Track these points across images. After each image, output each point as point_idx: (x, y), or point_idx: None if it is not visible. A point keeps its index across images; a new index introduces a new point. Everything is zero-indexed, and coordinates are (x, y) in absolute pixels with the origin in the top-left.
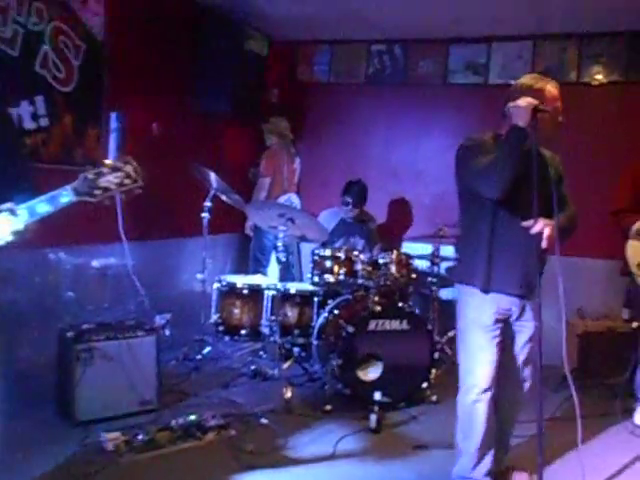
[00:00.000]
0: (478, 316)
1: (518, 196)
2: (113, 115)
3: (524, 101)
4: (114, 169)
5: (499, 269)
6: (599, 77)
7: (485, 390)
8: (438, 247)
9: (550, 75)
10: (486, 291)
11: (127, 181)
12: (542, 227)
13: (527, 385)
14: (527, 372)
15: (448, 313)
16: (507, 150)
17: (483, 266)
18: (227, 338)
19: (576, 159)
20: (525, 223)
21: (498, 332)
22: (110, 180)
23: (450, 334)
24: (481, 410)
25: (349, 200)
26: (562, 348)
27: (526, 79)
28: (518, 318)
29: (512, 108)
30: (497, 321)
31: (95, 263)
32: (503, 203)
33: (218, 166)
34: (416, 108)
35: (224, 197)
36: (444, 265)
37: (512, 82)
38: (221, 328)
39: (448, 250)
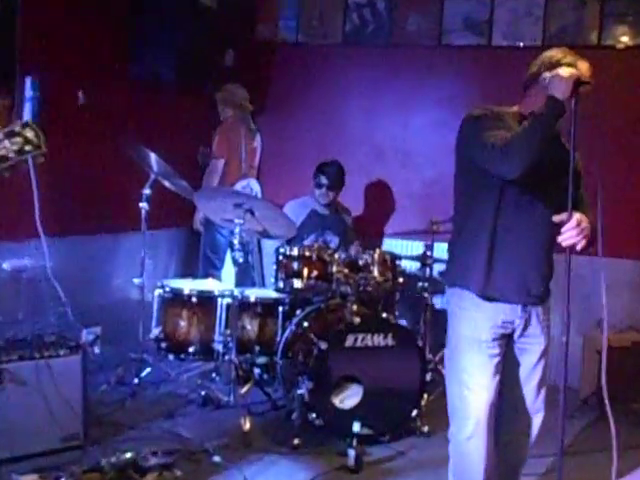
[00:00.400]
0: (473, 329)
1: (533, 183)
2: (28, 81)
3: (566, 71)
4: (10, 134)
5: (502, 269)
6: (624, 39)
7: (481, 423)
8: (431, 245)
9: (565, 38)
10: (485, 296)
11: (28, 147)
12: (574, 225)
13: (540, 417)
14: (540, 400)
15: (443, 325)
16: (540, 123)
17: (482, 264)
18: (171, 357)
19: (596, 138)
20: (556, 217)
21: (498, 350)
22: (6, 147)
23: (446, 351)
24: (477, 448)
25: (324, 181)
26: (583, 367)
27: (553, 52)
28: (523, 333)
29: (550, 78)
30: (497, 336)
31: (5, 265)
32: (515, 188)
33: (160, 145)
34: (404, 75)
35: (167, 183)
36: (438, 267)
37: (520, 44)
38: (164, 345)
39: (443, 249)
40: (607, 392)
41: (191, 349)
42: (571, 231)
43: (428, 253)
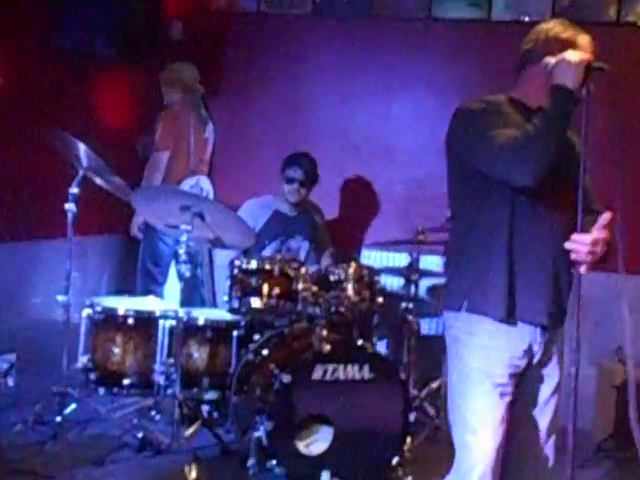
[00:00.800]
0: (486, 361)
1: (549, 186)
2: None
3: (575, 55)
4: None
5: (525, 288)
6: None
7: (487, 475)
8: (416, 258)
9: (579, 13)
10: (505, 319)
11: None
12: (597, 245)
13: (551, 462)
14: (552, 442)
15: (430, 354)
16: (554, 120)
17: (502, 283)
18: (102, 391)
19: (613, 131)
20: (569, 245)
21: (511, 388)
22: None
23: (433, 385)
24: None
25: (297, 175)
26: (597, 405)
27: (550, 25)
28: (539, 362)
29: (556, 64)
30: (513, 370)
31: None
32: (526, 195)
33: (91, 134)
34: (386, 53)
35: (99, 180)
36: (425, 283)
37: (525, 19)
38: (93, 376)
39: (431, 262)
40: (624, 434)
41: (126, 381)
42: (582, 246)
43: (413, 267)
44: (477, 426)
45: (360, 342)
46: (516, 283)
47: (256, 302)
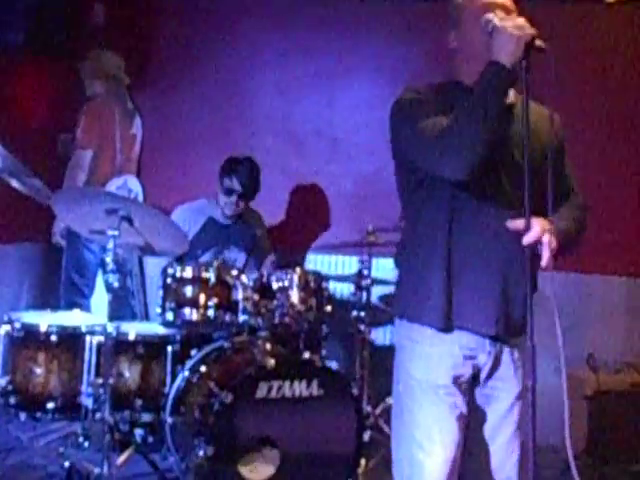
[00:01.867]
0: (428, 370)
1: (492, 178)
2: None
3: (517, 27)
4: None
5: (465, 292)
6: None
7: None
8: (368, 262)
9: None
10: (446, 329)
11: None
12: (539, 233)
13: None
14: (512, 465)
15: (385, 367)
16: (483, 100)
17: (439, 287)
18: (23, 416)
19: (580, 118)
20: (511, 224)
21: (460, 398)
22: None
23: (389, 401)
24: None
25: (236, 187)
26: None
27: None
28: (491, 374)
29: (497, 31)
30: (458, 380)
31: None
32: (468, 188)
33: (5, 132)
34: (330, 35)
35: (15, 183)
36: (378, 290)
37: None
38: (13, 400)
39: (384, 266)
40: (597, 449)
41: (50, 405)
42: (545, 245)
43: (365, 272)
44: (425, 441)
45: (307, 355)
46: (455, 290)
47: (192, 314)
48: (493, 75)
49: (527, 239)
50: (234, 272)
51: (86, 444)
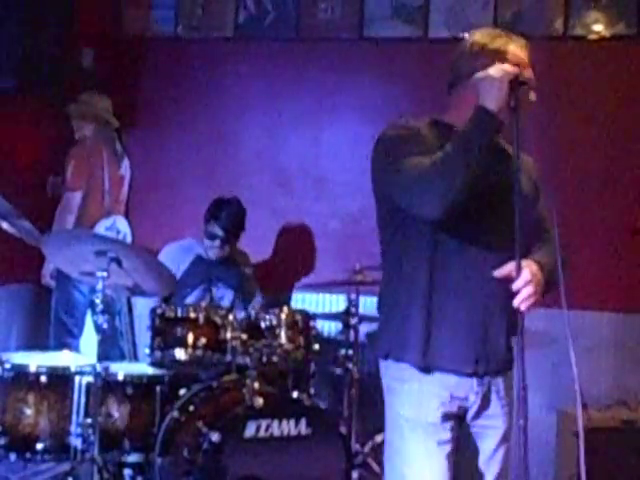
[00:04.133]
0: (417, 408)
1: (473, 219)
2: None
3: (498, 69)
4: None
5: (445, 332)
6: (597, 28)
7: None
8: (355, 300)
9: (523, 27)
10: (425, 368)
11: None
12: (524, 283)
13: None
14: None
15: (374, 404)
16: (465, 145)
17: (419, 327)
18: (13, 457)
19: (563, 155)
20: (501, 271)
21: (449, 435)
22: None
23: (377, 439)
24: None
25: (218, 232)
26: (557, 455)
27: (477, 36)
28: (479, 413)
29: (479, 80)
30: (447, 417)
31: None
32: (449, 228)
33: None
34: (315, 77)
35: (5, 225)
36: (365, 328)
37: (464, 36)
38: (2, 441)
39: (372, 304)
40: None
41: (40, 446)
42: (527, 287)
43: (352, 310)
44: (413, 477)
45: (295, 394)
46: (435, 330)
47: (180, 354)
48: (479, 121)
49: (516, 286)
50: (222, 312)
51: None
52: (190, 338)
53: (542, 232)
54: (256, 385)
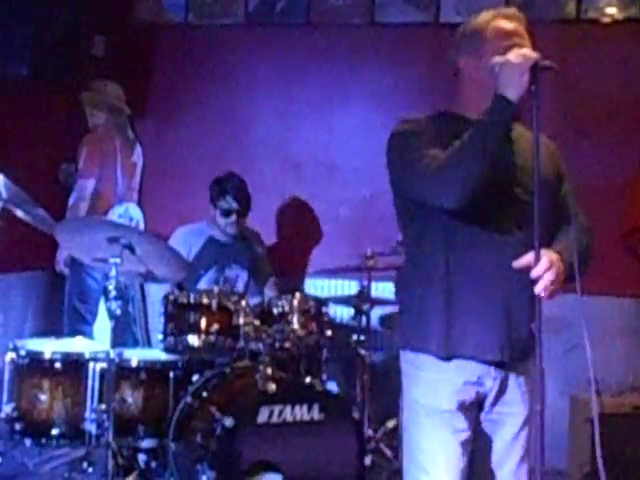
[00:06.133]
0: (432, 395)
1: (491, 206)
2: None
3: (517, 55)
4: None
5: (466, 320)
6: (610, 11)
7: None
8: (367, 285)
9: (535, 10)
10: (446, 357)
11: None
12: (543, 270)
13: None
14: None
15: (385, 390)
16: (485, 135)
17: (439, 318)
18: (29, 442)
19: (573, 145)
20: (517, 263)
21: (465, 424)
22: None
23: (390, 424)
24: None
25: (232, 205)
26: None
27: (474, 17)
28: (497, 400)
29: (500, 68)
30: (463, 405)
31: None
32: (466, 216)
33: (9, 162)
34: (327, 64)
35: (20, 212)
36: (378, 313)
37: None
38: (18, 426)
39: (383, 288)
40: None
41: (55, 431)
42: (547, 274)
43: (364, 296)
44: (429, 465)
45: (308, 380)
46: (456, 318)
47: (194, 339)
48: (499, 111)
49: (534, 273)
50: (235, 298)
51: (90, 470)
52: (203, 324)
53: (564, 217)
54: (269, 371)
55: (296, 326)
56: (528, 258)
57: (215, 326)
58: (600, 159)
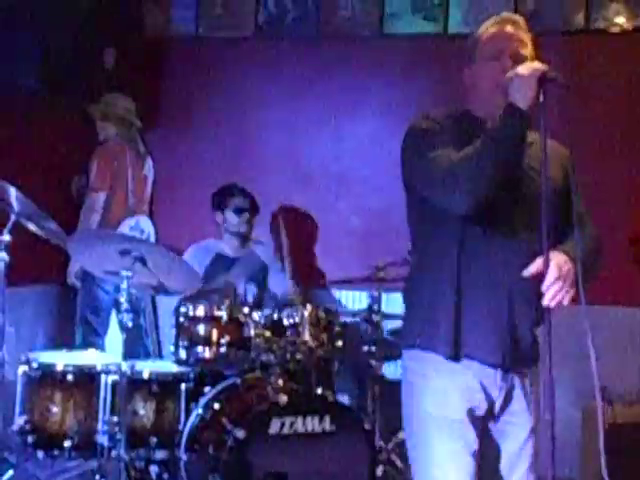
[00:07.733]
0: (442, 405)
1: (503, 211)
2: None
3: (526, 68)
4: None
5: (474, 322)
6: (619, 20)
7: None
8: (377, 297)
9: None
10: (454, 356)
11: None
12: (553, 279)
13: None
14: None
15: (397, 401)
16: (497, 144)
17: (448, 317)
18: (41, 454)
19: (585, 145)
20: (527, 272)
21: (474, 433)
22: None
23: (401, 435)
24: None
25: (243, 203)
26: (583, 451)
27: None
28: (504, 409)
29: (511, 80)
30: (472, 414)
31: None
32: (477, 220)
33: (21, 176)
34: (336, 75)
35: (32, 226)
36: (389, 325)
37: None
38: (31, 438)
39: (394, 300)
40: None
41: (67, 443)
42: (555, 285)
43: (374, 307)
44: (441, 477)
45: (319, 391)
46: (463, 319)
47: (205, 352)
48: (511, 120)
49: (545, 285)
50: (246, 310)
51: None
52: (214, 336)
53: (572, 224)
54: (280, 382)
55: (307, 337)
56: (537, 265)
57: (226, 338)
58: (609, 168)
